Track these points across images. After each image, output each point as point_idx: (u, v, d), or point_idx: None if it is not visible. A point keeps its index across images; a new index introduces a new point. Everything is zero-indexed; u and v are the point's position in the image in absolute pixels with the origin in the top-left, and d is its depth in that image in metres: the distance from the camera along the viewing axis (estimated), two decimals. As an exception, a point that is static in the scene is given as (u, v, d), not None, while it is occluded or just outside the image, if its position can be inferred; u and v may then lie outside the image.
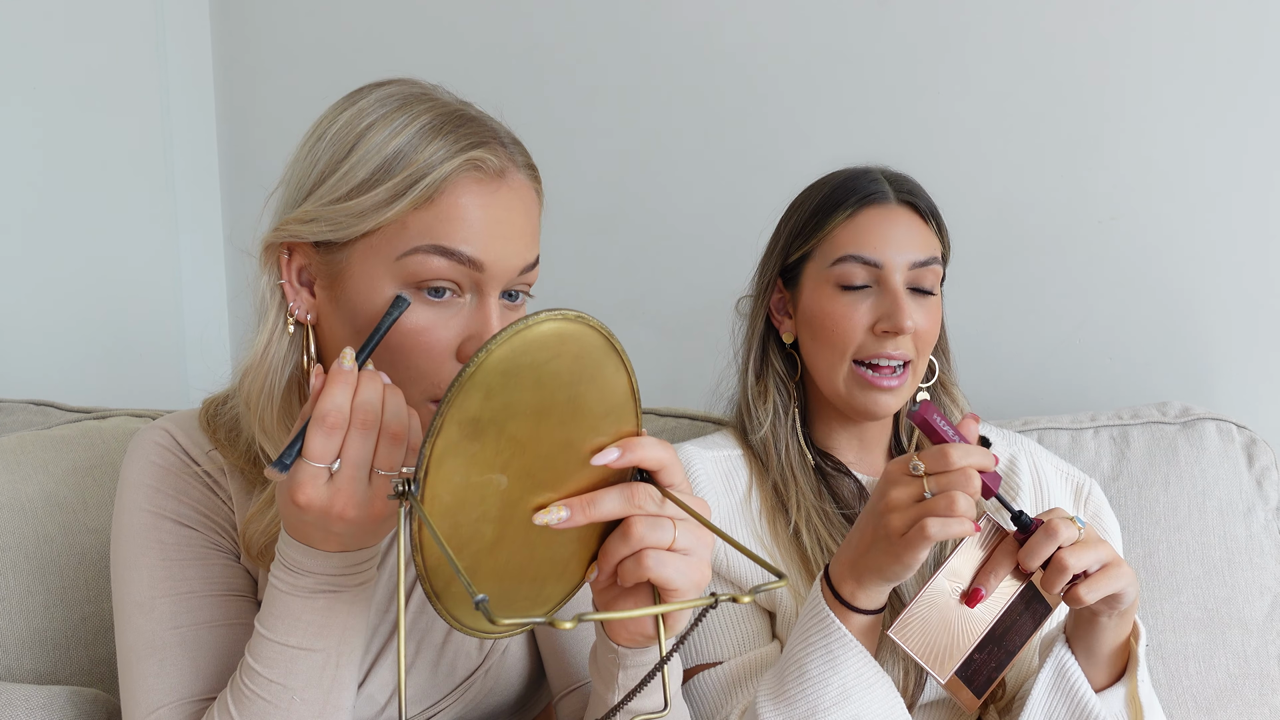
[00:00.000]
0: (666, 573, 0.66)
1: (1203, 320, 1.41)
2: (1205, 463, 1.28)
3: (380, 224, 0.75)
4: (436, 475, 0.60)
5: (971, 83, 1.46)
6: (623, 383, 0.65)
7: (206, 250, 1.83)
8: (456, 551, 0.62)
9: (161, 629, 0.81)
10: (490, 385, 0.59)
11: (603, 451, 0.65)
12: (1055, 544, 0.86)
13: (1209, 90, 1.38)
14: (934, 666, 0.87)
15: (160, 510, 0.84)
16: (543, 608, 0.70)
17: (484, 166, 0.76)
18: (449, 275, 0.75)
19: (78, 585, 1.14)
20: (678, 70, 1.59)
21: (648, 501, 0.66)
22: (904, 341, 1.01)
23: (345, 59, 1.73)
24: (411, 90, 0.80)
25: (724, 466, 1.08)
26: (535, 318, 0.59)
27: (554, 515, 0.63)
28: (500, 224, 0.76)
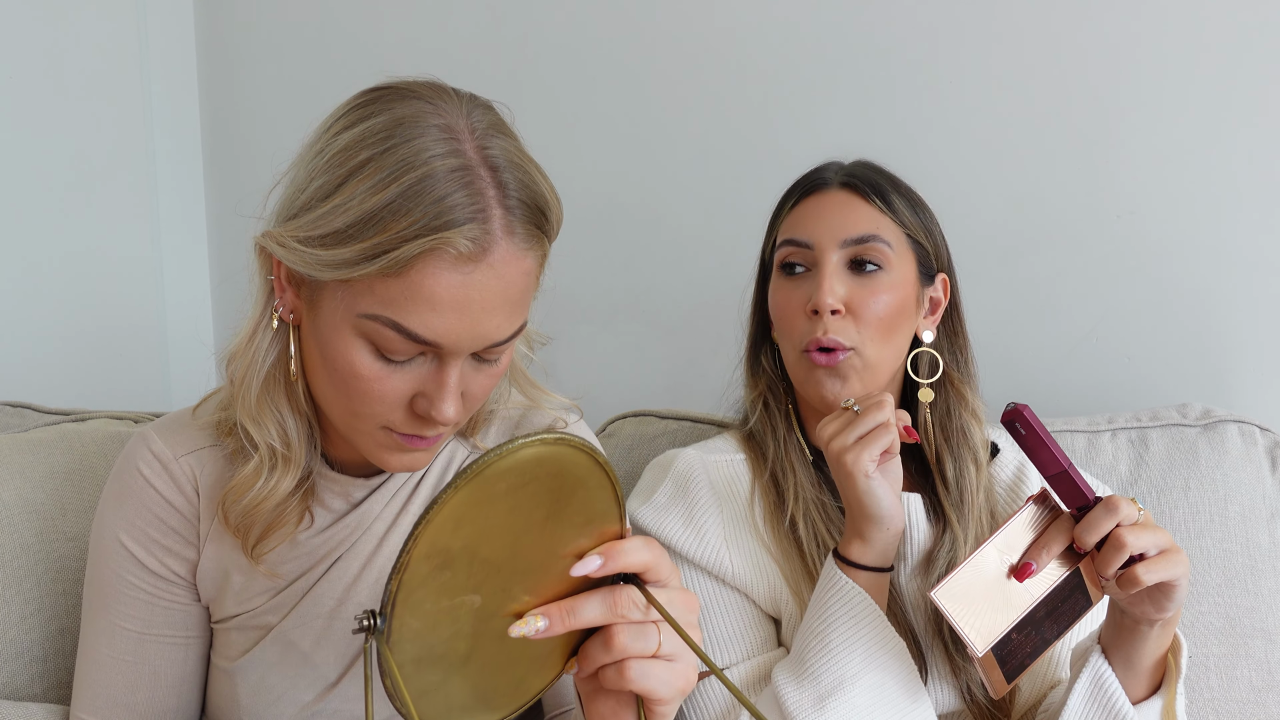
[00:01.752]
0: (650, 684, 0.64)
1: (1225, 318, 1.40)
2: (1227, 466, 1.26)
3: (348, 279, 0.74)
4: (404, 607, 0.58)
5: (983, 73, 1.45)
6: (606, 493, 0.63)
7: (190, 247, 1.82)
8: (429, 667, 0.61)
9: (97, 641, 0.92)
10: (460, 516, 0.57)
11: (583, 560, 0.63)
12: (1115, 520, 0.85)
13: (1230, 80, 1.36)
14: (973, 636, 0.86)
15: (124, 539, 0.90)
16: (523, 697, 0.68)
17: (459, 249, 0.72)
18: (405, 349, 0.75)
19: (55, 596, 1.12)
20: (680, 66, 1.58)
21: (631, 609, 0.64)
22: (836, 324, 1.01)
23: (335, 50, 1.71)
24: (425, 120, 0.74)
25: (726, 471, 1.08)
26: (510, 446, 0.57)
27: (530, 627, 0.62)
28: (470, 305, 0.74)
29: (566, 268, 1.58)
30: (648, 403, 1.43)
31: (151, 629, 0.91)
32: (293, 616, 0.90)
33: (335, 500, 0.90)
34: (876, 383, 1.03)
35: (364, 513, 0.90)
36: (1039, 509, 0.90)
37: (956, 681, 1.00)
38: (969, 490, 1.05)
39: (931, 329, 1.08)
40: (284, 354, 0.82)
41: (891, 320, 1.02)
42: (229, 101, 1.79)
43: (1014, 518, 0.89)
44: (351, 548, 0.90)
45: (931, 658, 1.01)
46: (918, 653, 0.99)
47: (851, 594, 0.91)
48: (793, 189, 1.10)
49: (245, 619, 0.91)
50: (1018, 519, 0.89)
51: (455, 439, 0.97)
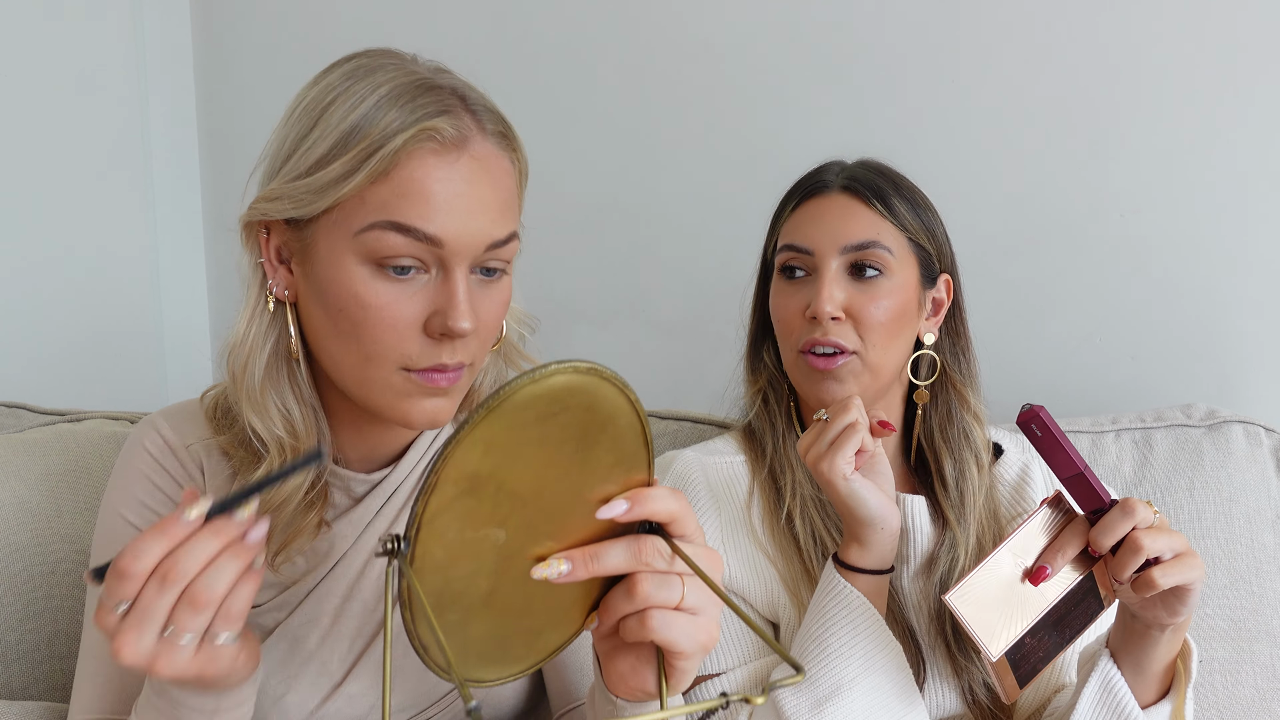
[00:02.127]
0: (672, 634, 0.64)
1: (1229, 317, 1.39)
2: (1232, 467, 1.26)
3: (339, 199, 0.75)
4: (428, 531, 0.58)
5: (986, 73, 1.45)
6: (635, 434, 0.63)
7: (186, 246, 1.82)
8: (448, 605, 0.61)
9: (99, 635, 0.85)
10: (491, 440, 0.57)
11: (610, 504, 0.63)
12: (1131, 523, 0.84)
13: (1234, 77, 1.35)
14: (987, 641, 0.85)
15: (124, 514, 0.87)
16: (539, 654, 0.68)
17: (440, 135, 0.74)
18: (408, 252, 0.74)
19: (50, 597, 1.12)
20: (680, 67, 1.57)
21: (656, 558, 0.64)
22: (837, 329, 1.00)
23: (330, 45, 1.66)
24: (379, 61, 0.79)
25: (725, 473, 1.08)
26: (544, 370, 0.57)
27: (554, 569, 0.62)
28: (461, 197, 0.75)
29: (567, 268, 1.61)
30: (648, 403, 1.36)
31: None
32: (298, 614, 0.89)
33: (338, 495, 0.90)
34: (878, 385, 1.03)
35: (365, 509, 0.90)
36: (1053, 512, 0.89)
37: (959, 683, 1.00)
38: (970, 491, 1.05)
39: (933, 330, 1.07)
40: (284, 335, 0.82)
41: (893, 324, 1.02)
42: (226, 102, 1.80)
43: (1027, 521, 0.88)
44: (355, 543, 0.89)
45: (933, 659, 1.00)
46: (919, 654, 0.99)
47: (850, 598, 0.91)
48: (793, 191, 1.09)
49: (251, 615, 0.90)
50: (1031, 522, 0.88)
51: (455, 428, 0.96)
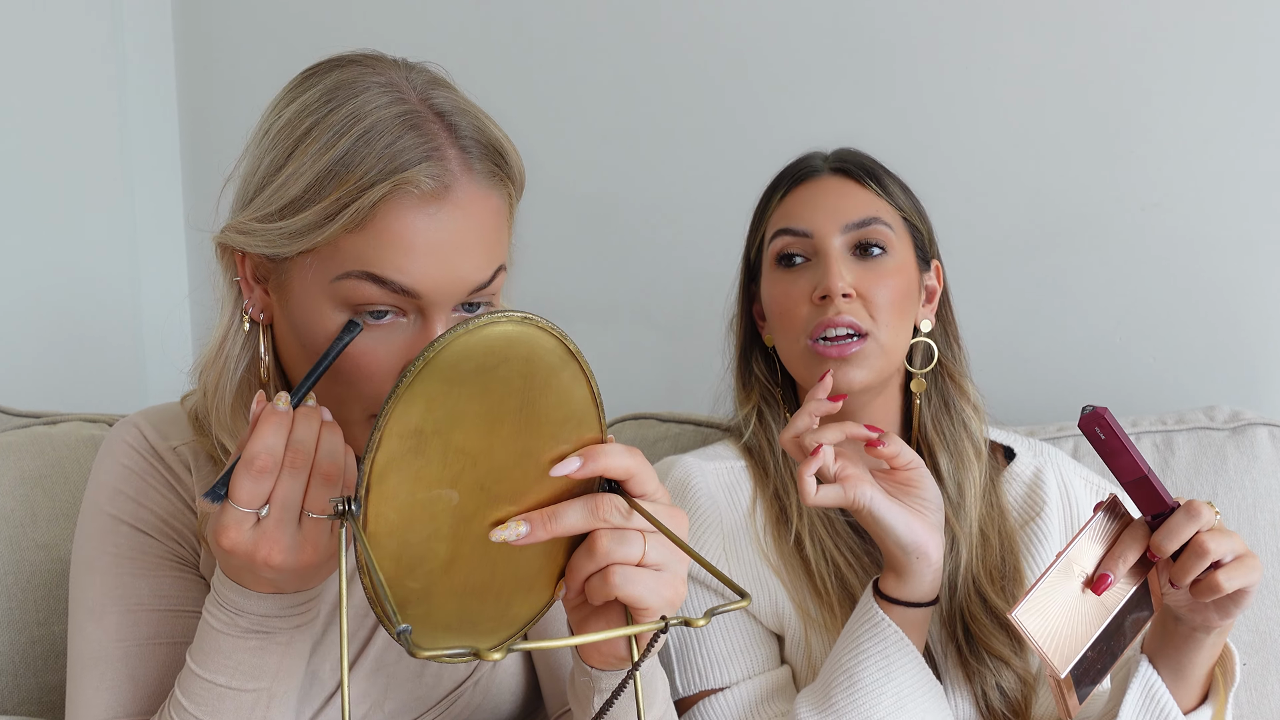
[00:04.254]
0: (635, 590, 0.65)
1: (1254, 316, 1.39)
2: (1257, 472, 1.25)
3: (314, 245, 0.74)
4: (379, 493, 0.59)
5: (996, 55, 1.44)
6: (581, 388, 0.64)
7: (166, 245, 1.83)
8: (408, 572, 0.62)
9: (108, 640, 0.83)
10: (431, 394, 0.58)
11: (562, 461, 0.64)
12: (1196, 526, 0.83)
13: (1258, 65, 1.34)
14: (1055, 658, 0.84)
15: (118, 514, 0.85)
16: (511, 627, 0.69)
17: (420, 187, 0.72)
18: (384, 301, 0.74)
19: (26, 606, 1.11)
20: (678, 65, 1.57)
21: (614, 514, 0.65)
22: (849, 307, 0.99)
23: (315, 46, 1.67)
24: (363, 77, 0.76)
25: (726, 479, 1.07)
26: (478, 321, 0.58)
27: (512, 531, 0.63)
28: (441, 247, 0.73)
29: (567, 269, 1.61)
30: (648, 405, 1.42)
31: (181, 604, 0.86)
32: None
33: None
34: (890, 369, 1.02)
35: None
36: (1106, 518, 0.88)
37: (971, 689, 0.98)
38: (969, 479, 1.04)
39: (930, 318, 1.08)
40: (257, 357, 0.82)
41: (900, 304, 1.02)
42: (206, 105, 1.81)
43: (1084, 529, 0.88)
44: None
45: (945, 666, 0.99)
46: (930, 660, 0.98)
47: (885, 631, 0.90)
48: (779, 180, 1.09)
49: None
50: (1086, 530, 0.88)
51: None
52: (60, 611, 1.11)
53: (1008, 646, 0.99)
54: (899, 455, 0.91)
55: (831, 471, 0.89)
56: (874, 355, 0.99)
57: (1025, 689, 0.99)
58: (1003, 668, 0.98)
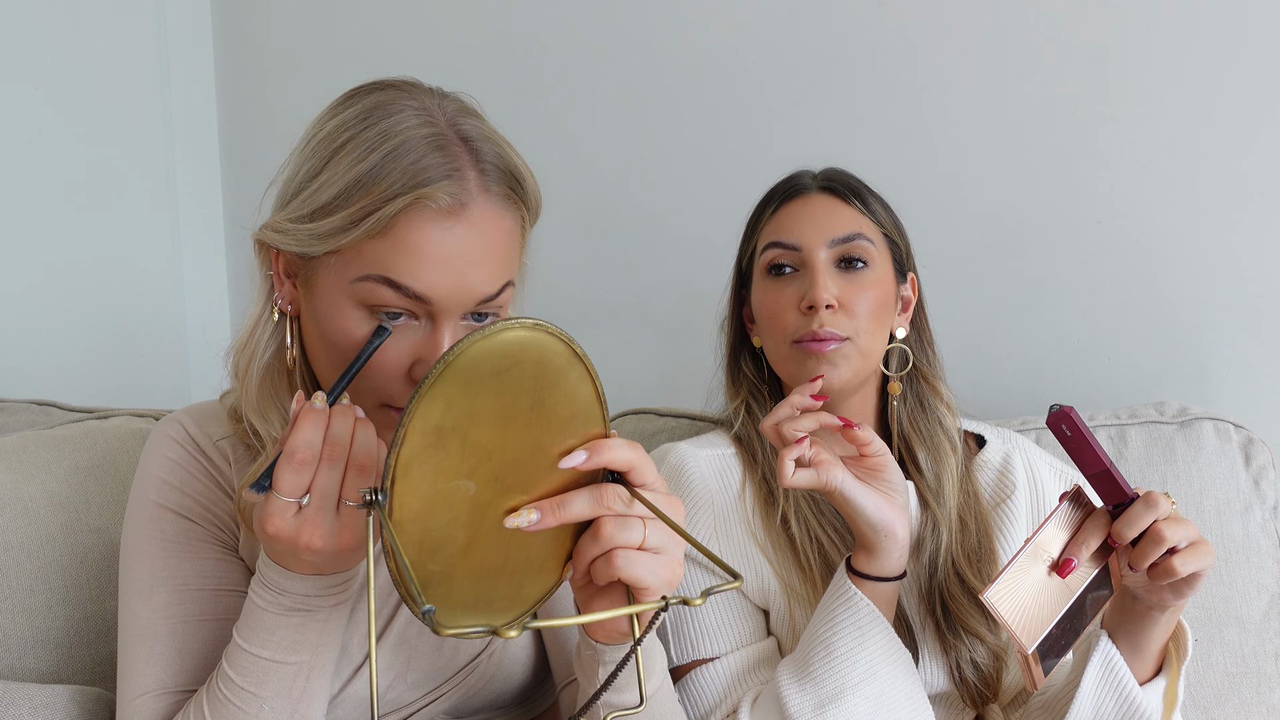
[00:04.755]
0: (637, 572, 0.67)
1: (1201, 320, 1.41)
2: (1203, 462, 1.28)
3: (339, 248, 0.77)
4: (403, 484, 0.61)
5: (968, 82, 1.46)
6: (587, 387, 0.66)
7: (208, 249, 1.83)
8: (429, 556, 0.63)
9: (156, 618, 0.85)
10: (450, 395, 0.60)
11: (570, 455, 0.66)
12: (1154, 515, 0.86)
13: (1208, 90, 1.37)
14: (1023, 635, 0.87)
15: (164, 502, 0.87)
16: (523, 605, 0.70)
17: (438, 203, 0.75)
18: (398, 304, 0.77)
19: (80, 585, 1.14)
20: (678, 70, 1.59)
21: (616, 502, 0.67)
22: (831, 317, 1.02)
23: (345, 56, 1.72)
24: (399, 102, 0.79)
25: (718, 465, 1.09)
26: (492, 327, 0.60)
27: (524, 518, 0.64)
28: (454, 259, 0.76)
29: (569, 271, 1.63)
30: (647, 401, 1.44)
31: (224, 584, 0.88)
32: None
33: None
34: (866, 370, 1.04)
35: None
36: (1071, 507, 0.90)
37: (947, 661, 1.01)
38: (947, 475, 1.06)
39: (905, 326, 1.10)
40: (283, 345, 0.84)
41: (878, 313, 1.04)
42: (246, 109, 1.81)
43: (1050, 516, 0.89)
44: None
45: (923, 639, 1.01)
46: (909, 635, 1.00)
47: (858, 604, 0.91)
48: (770, 196, 1.11)
49: None
50: (1052, 518, 0.89)
51: None
52: (110, 590, 1.13)
53: (983, 624, 1.01)
54: (871, 443, 0.93)
55: (807, 457, 0.91)
56: (853, 356, 1.02)
57: (997, 663, 1.01)
58: (977, 643, 1.00)
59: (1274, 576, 1.26)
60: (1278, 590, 1.26)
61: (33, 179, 1.59)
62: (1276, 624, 1.25)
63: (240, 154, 1.82)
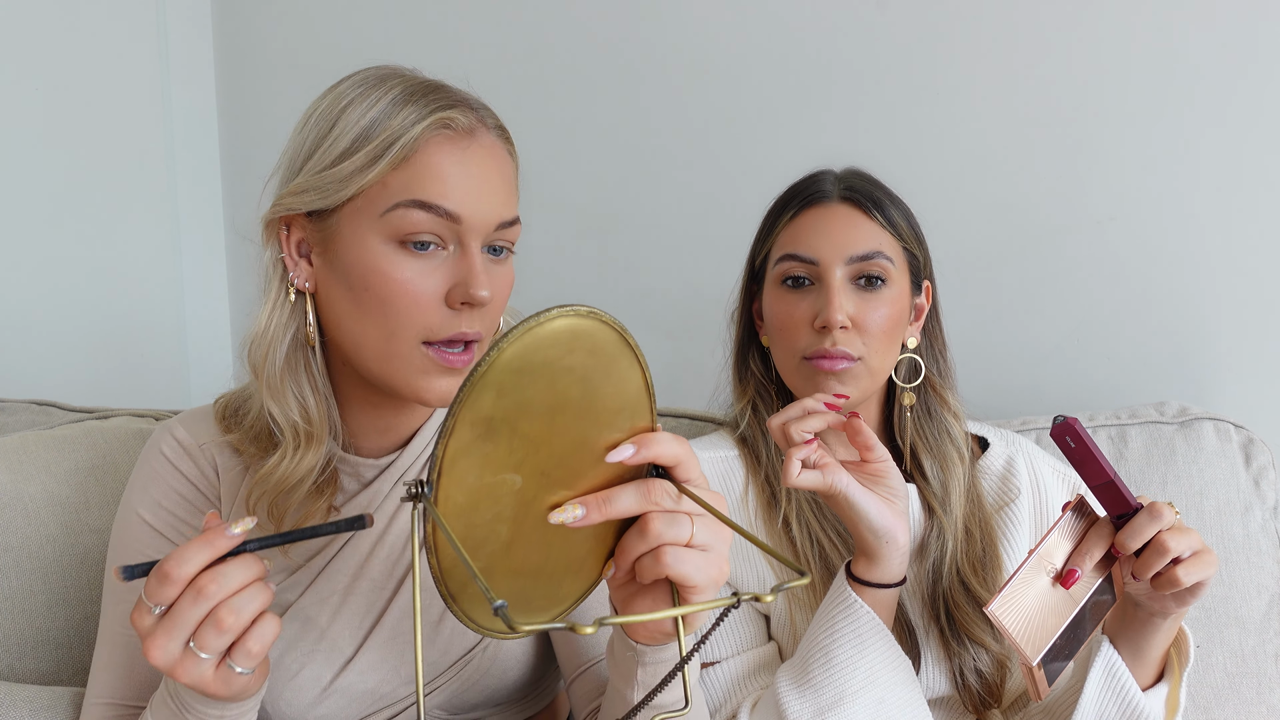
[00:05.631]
0: (685, 569, 0.65)
1: (1201, 320, 1.41)
2: (1203, 462, 1.28)
3: (363, 187, 0.79)
4: (449, 476, 0.59)
5: (969, 83, 1.46)
6: (637, 378, 0.64)
7: (208, 249, 1.83)
8: (471, 552, 0.61)
9: (117, 625, 0.90)
10: (502, 384, 0.58)
11: (617, 448, 0.64)
12: (1158, 526, 0.86)
13: (1206, 91, 1.38)
14: (1027, 647, 0.87)
15: (141, 513, 0.91)
16: (560, 605, 0.69)
17: (453, 125, 0.80)
18: (430, 228, 0.79)
19: (80, 585, 1.14)
20: (678, 71, 1.59)
21: (664, 498, 0.65)
22: (844, 337, 1.00)
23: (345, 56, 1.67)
24: (385, 71, 0.85)
25: (720, 467, 1.09)
26: (547, 314, 0.58)
27: (570, 514, 0.63)
28: (474, 178, 0.81)
29: (569, 272, 1.62)
30: None
31: None
32: (309, 593, 0.92)
33: (348, 480, 0.92)
34: (875, 387, 1.04)
35: (374, 492, 0.92)
36: (1074, 517, 0.90)
37: (950, 667, 1.01)
38: (954, 484, 1.06)
39: (916, 335, 1.08)
40: (303, 324, 0.85)
41: (892, 331, 1.03)
42: (246, 109, 1.81)
43: (1054, 527, 0.89)
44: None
45: (926, 644, 1.01)
46: (913, 638, 1.00)
47: (858, 612, 0.91)
48: (790, 199, 1.08)
49: None
50: (1055, 528, 0.89)
51: None
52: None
53: (987, 633, 1.00)
54: (874, 448, 0.92)
55: (812, 459, 0.90)
56: (862, 376, 1.01)
57: (1001, 670, 1.01)
58: (981, 651, 1.00)
59: (1274, 576, 1.26)
60: (1278, 590, 1.26)
61: (33, 179, 1.60)
62: (1276, 624, 1.25)
63: (240, 154, 1.82)
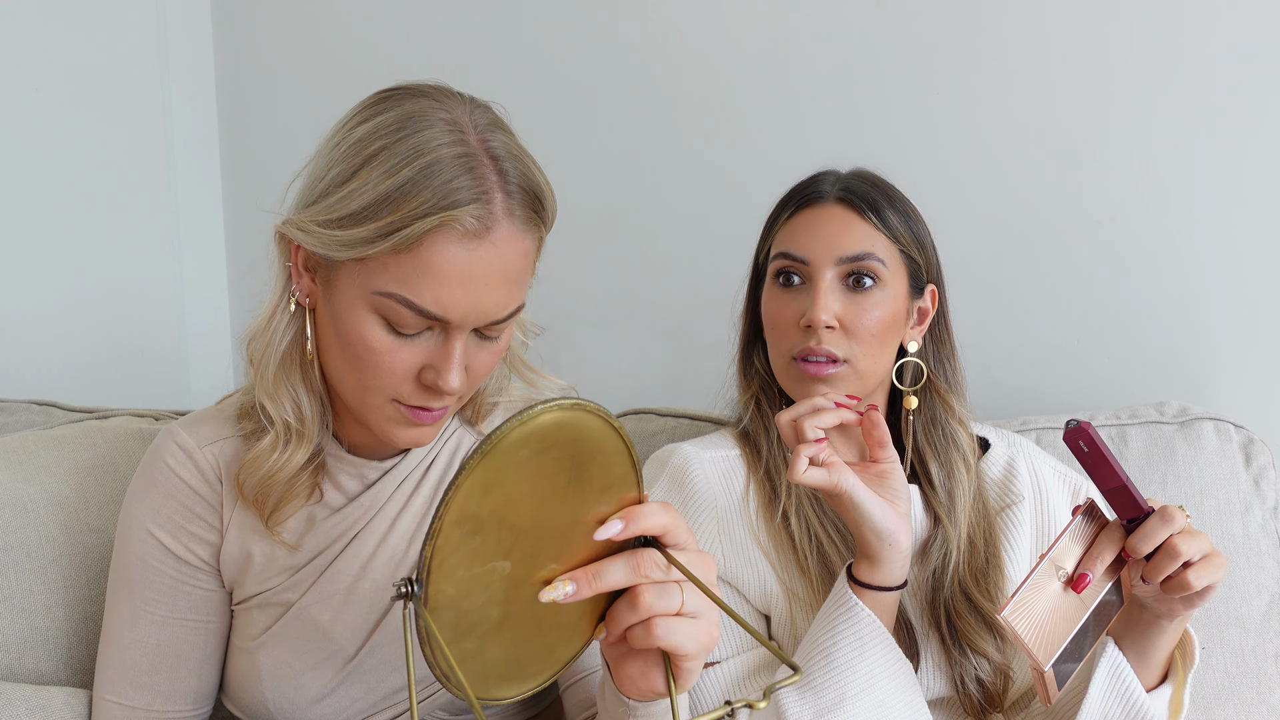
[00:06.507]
0: (675, 639, 0.66)
1: (1200, 320, 1.41)
2: (1203, 462, 1.28)
3: (364, 257, 0.79)
4: (439, 573, 0.60)
5: (969, 84, 1.47)
6: (623, 459, 0.65)
7: (208, 250, 1.83)
8: (464, 635, 0.62)
9: (121, 626, 0.94)
10: (488, 482, 0.59)
11: (606, 525, 0.65)
12: (1170, 530, 0.86)
13: (1206, 91, 1.38)
14: (1039, 652, 0.86)
15: (145, 525, 0.93)
16: (553, 668, 0.70)
17: (464, 225, 0.77)
18: (414, 324, 0.80)
19: (79, 585, 1.14)
20: (678, 71, 1.59)
21: (653, 569, 0.66)
22: (830, 337, 1.01)
23: (347, 59, 1.73)
24: (432, 114, 0.80)
25: (722, 467, 1.09)
26: (531, 411, 0.59)
27: (560, 591, 0.63)
28: (474, 281, 0.78)
29: (570, 273, 1.64)
30: (647, 401, 1.44)
31: (175, 613, 0.94)
32: (311, 593, 0.93)
33: (349, 481, 0.93)
34: (865, 392, 1.03)
35: (377, 494, 0.93)
36: (1084, 521, 0.90)
37: (950, 670, 1.01)
38: (959, 491, 1.06)
39: (917, 339, 1.08)
40: (300, 336, 0.87)
41: (883, 334, 1.02)
42: (246, 109, 1.81)
43: (1064, 531, 0.89)
44: (366, 527, 0.93)
45: (926, 646, 1.01)
46: (913, 641, 1.00)
47: (859, 614, 0.91)
48: (788, 199, 1.09)
49: (266, 596, 0.94)
50: (1067, 532, 0.89)
51: (462, 427, 1.00)
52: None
53: (990, 643, 1.00)
54: (886, 446, 0.92)
55: (821, 457, 0.90)
56: (850, 379, 1.01)
57: (1003, 680, 1.01)
58: (983, 661, 1.00)
59: (1274, 576, 1.26)
60: (1278, 590, 1.26)
61: (33, 179, 1.60)
62: (1276, 624, 1.25)
63: (240, 154, 1.82)
